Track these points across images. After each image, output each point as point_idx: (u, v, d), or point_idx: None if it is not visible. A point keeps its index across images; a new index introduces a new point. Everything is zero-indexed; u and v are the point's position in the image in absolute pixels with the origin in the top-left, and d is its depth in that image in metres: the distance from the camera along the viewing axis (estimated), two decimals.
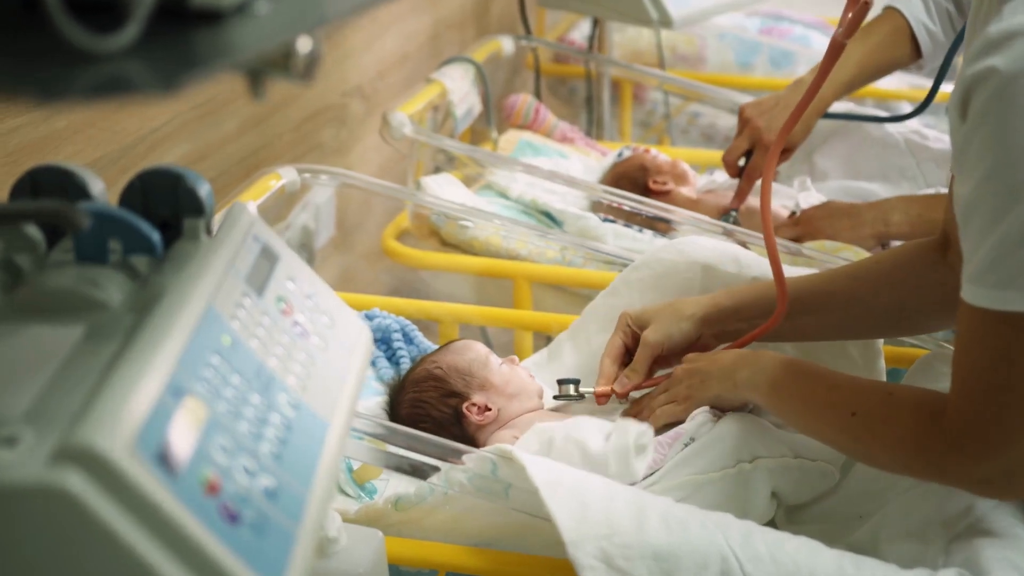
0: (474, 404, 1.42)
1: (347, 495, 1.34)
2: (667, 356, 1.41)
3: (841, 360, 1.48)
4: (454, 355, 1.48)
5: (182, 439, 0.66)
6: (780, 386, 1.23)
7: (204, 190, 0.86)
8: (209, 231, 0.85)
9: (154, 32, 0.58)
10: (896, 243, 1.86)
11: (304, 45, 0.64)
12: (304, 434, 0.78)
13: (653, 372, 1.42)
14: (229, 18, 0.62)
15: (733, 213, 2.00)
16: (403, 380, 1.49)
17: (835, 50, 1.26)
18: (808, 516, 1.36)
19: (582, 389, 1.41)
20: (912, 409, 1.10)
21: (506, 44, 2.43)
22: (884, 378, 1.48)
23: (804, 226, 1.89)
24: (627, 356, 1.41)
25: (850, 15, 1.25)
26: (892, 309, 1.35)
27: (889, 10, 1.93)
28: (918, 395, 1.14)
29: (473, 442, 1.40)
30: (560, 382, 1.42)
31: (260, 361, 0.79)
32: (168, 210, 0.86)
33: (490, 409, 1.41)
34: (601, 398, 1.40)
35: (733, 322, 1.38)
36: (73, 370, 0.69)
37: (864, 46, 1.92)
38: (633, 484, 1.23)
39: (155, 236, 0.81)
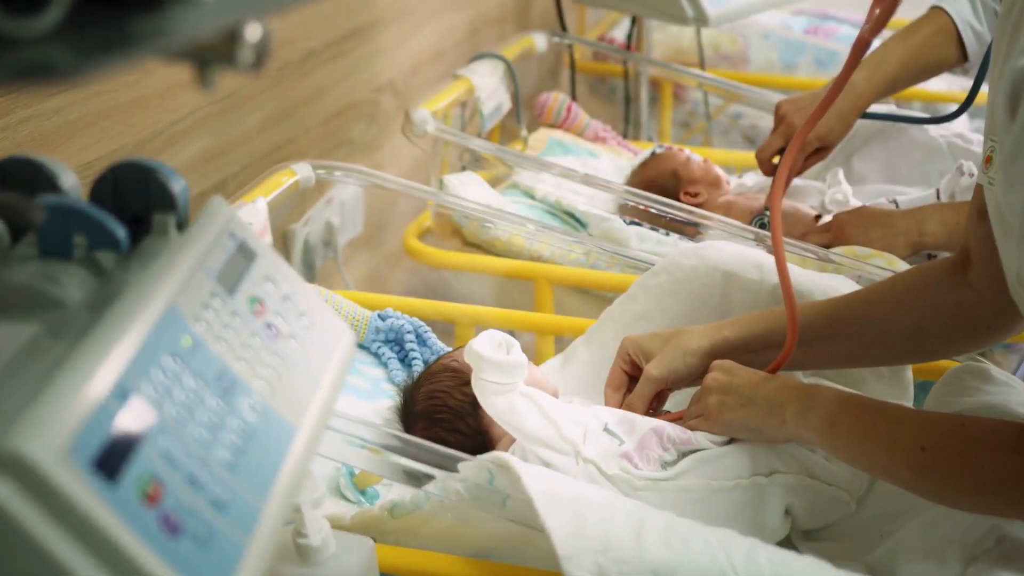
0: None
1: (347, 500, 1.31)
2: (670, 389, 1.36)
3: (866, 373, 1.43)
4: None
5: (122, 445, 0.63)
6: (837, 423, 1.14)
7: (177, 185, 0.83)
8: (181, 227, 0.82)
9: (88, 15, 0.55)
10: (940, 253, 1.79)
11: (253, 33, 0.60)
12: (267, 440, 0.75)
13: (664, 399, 1.38)
14: (171, 2, 0.58)
15: (766, 213, 1.94)
16: (418, 377, 1.47)
17: (860, 47, 1.20)
18: (827, 533, 1.31)
19: None
20: (991, 440, 1.03)
21: (539, 41, 2.39)
22: (911, 391, 1.43)
23: (835, 232, 1.82)
24: (630, 382, 1.37)
25: (877, 11, 1.20)
26: (909, 335, 1.28)
27: (935, 10, 1.87)
28: (995, 425, 1.07)
29: (488, 433, 1.37)
30: None
31: (223, 363, 0.75)
32: (140, 205, 0.83)
33: None
34: None
35: (742, 354, 1.30)
36: (17, 370, 0.66)
37: (907, 45, 1.86)
38: (637, 471, 1.20)
39: (120, 231, 0.78)
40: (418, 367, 1.55)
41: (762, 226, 1.91)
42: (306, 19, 2.02)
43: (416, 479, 1.16)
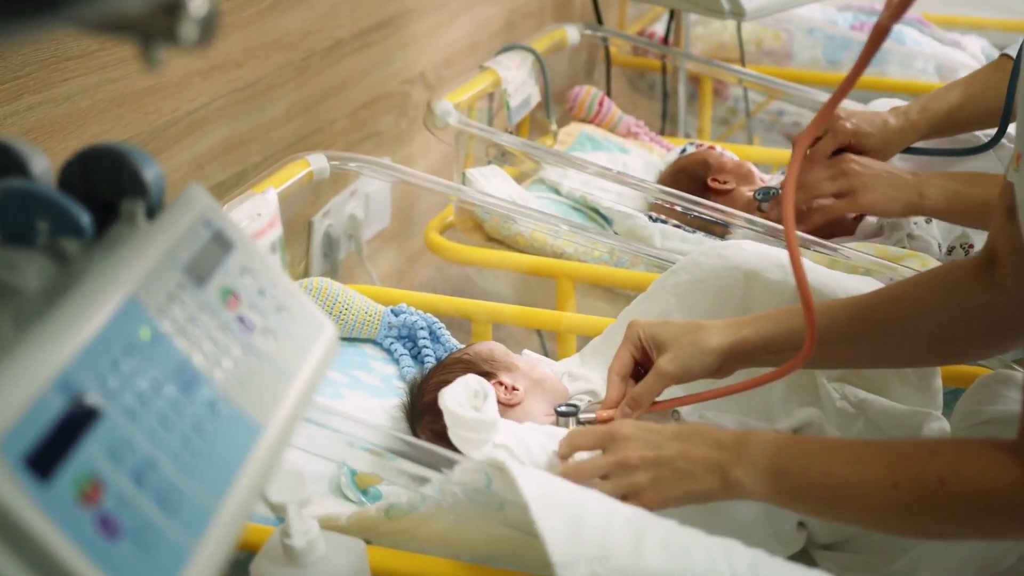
0: (501, 383, 1.38)
1: (348, 500, 1.27)
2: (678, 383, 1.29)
3: (893, 379, 1.37)
4: (479, 347, 1.46)
5: (59, 442, 0.60)
6: (787, 474, 1.05)
7: (150, 170, 0.79)
8: (152, 214, 0.79)
9: None
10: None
11: (198, 7, 0.57)
12: (227, 439, 0.72)
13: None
14: None
15: (772, 191, 1.87)
16: (429, 370, 1.45)
17: (878, 34, 1.13)
18: (846, 545, 1.27)
19: (583, 416, 1.31)
20: (971, 462, 0.96)
21: (571, 33, 2.34)
22: (940, 398, 1.37)
23: (842, 181, 1.73)
24: (638, 369, 1.31)
25: None
26: (934, 336, 1.21)
27: (1002, 57, 1.80)
28: (971, 446, 1.00)
29: None
30: (559, 414, 1.32)
31: (185, 358, 0.72)
32: (111, 191, 0.80)
33: (517, 389, 1.38)
34: (604, 423, 1.31)
35: (761, 355, 1.25)
36: None
37: (970, 87, 1.79)
38: None
39: (84, 217, 0.75)
40: (430, 364, 1.52)
41: (764, 199, 1.85)
42: (333, 7, 1.99)
43: (415, 480, 1.12)
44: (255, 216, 1.38)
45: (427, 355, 1.53)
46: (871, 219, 1.86)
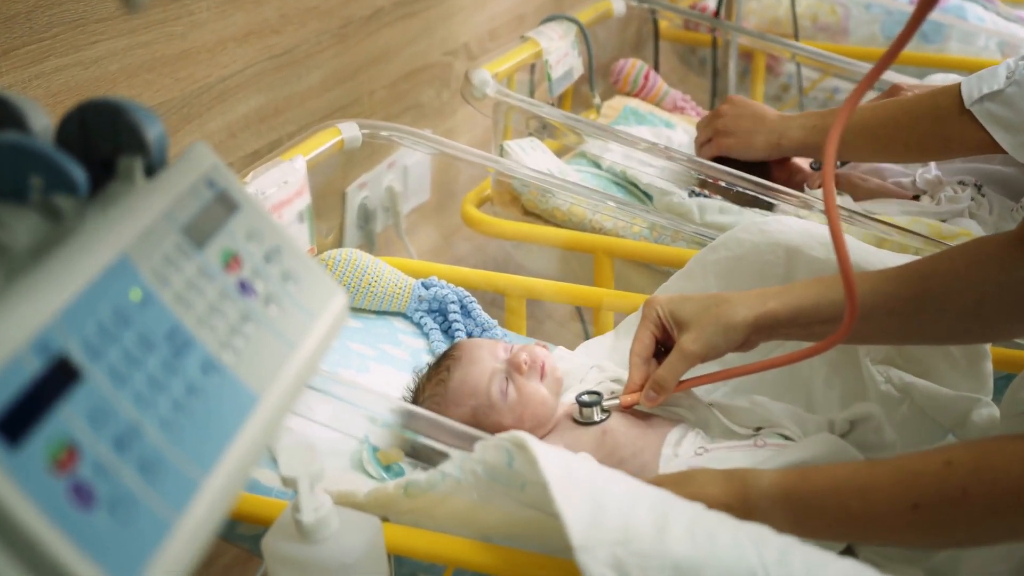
0: None
1: (370, 476, 1.24)
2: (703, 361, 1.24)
3: (941, 362, 1.31)
4: (455, 406, 1.30)
5: (34, 404, 0.57)
6: (804, 518, 1.01)
7: (151, 126, 0.76)
8: (151, 172, 0.76)
9: None
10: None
11: None
12: (220, 408, 0.68)
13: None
14: None
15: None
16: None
17: (927, 1, 1.06)
18: None
19: (607, 403, 1.26)
20: (991, 464, 0.91)
21: (616, 5, 2.28)
22: (991, 384, 1.31)
23: (712, 119, 1.89)
24: (659, 348, 1.26)
25: None
26: (967, 311, 1.15)
27: None
28: (984, 448, 0.95)
29: None
30: (581, 404, 1.26)
31: (177, 321, 0.69)
32: (110, 147, 0.76)
33: None
34: (628, 409, 1.26)
35: (787, 328, 1.19)
36: None
37: None
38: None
39: (78, 173, 0.71)
40: (461, 339, 1.47)
41: (820, 169, 1.84)
42: None
43: (432, 459, 1.09)
44: (282, 184, 1.35)
45: (457, 330, 1.49)
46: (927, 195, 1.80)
